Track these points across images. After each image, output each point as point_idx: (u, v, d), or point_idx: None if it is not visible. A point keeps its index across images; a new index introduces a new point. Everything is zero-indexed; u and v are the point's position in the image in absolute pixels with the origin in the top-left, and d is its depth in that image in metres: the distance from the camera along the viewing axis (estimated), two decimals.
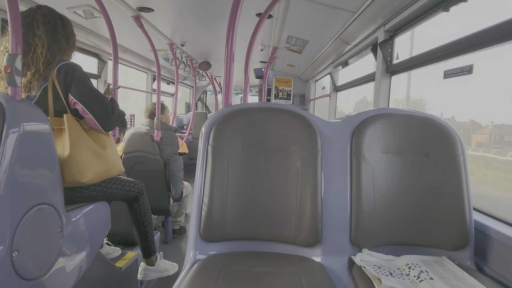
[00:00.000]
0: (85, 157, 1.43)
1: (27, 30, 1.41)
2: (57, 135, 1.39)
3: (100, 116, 1.48)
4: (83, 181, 1.42)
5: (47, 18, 1.46)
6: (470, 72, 1.40)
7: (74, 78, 1.42)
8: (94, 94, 1.47)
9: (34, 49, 1.41)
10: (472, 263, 1.24)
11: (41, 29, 1.43)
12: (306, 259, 1.24)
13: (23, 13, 1.43)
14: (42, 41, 1.42)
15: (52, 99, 1.42)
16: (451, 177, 1.28)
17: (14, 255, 1.07)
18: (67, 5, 2.29)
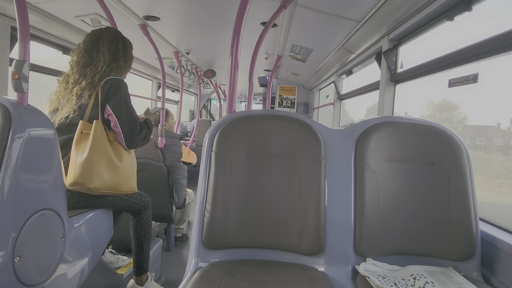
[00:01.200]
0: (99, 163, 1.47)
1: (93, 46, 1.61)
2: (83, 138, 1.48)
3: (127, 133, 1.57)
4: (89, 186, 1.43)
5: (111, 38, 1.65)
6: (475, 81, 1.39)
7: (116, 93, 1.55)
8: (129, 112, 1.58)
9: (95, 63, 1.59)
10: (479, 275, 1.22)
11: (105, 47, 1.62)
12: (309, 268, 1.22)
13: (93, 31, 1.66)
14: (104, 57, 1.61)
15: (91, 106, 1.54)
16: (456, 186, 1.26)
17: (16, 260, 1.06)
18: (75, 13, 2.33)
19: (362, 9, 2.01)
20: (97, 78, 1.55)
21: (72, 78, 1.57)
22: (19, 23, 1.16)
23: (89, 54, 1.60)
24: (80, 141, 1.47)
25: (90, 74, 1.55)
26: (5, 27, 2.00)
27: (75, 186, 1.43)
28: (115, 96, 1.54)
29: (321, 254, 1.25)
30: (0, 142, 1.05)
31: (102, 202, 1.58)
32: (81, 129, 1.48)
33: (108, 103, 1.54)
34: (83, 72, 1.56)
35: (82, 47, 1.62)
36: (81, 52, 1.61)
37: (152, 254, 2.25)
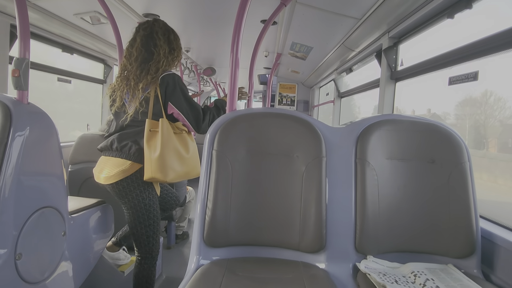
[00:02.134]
0: (171, 158, 1.59)
1: (149, 40, 1.64)
2: (152, 136, 1.58)
3: (193, 123, 1.68)
4: (166, 180, 1.56)
5: (163, 30, 1.68)
6: (475, 78, 1.39)
7: (175, 89, 1.62)
8: (189, 103, 1.66)
9: (155, 57, 1.62)
10: (479, 272, 1.22)
11: (161, 40, 1.65)
12: (310, 266, 1.22)
13: (142, 24, 1.68)
14: (164, 51, 1.64)
15: (152, 102, 1.60)
16: (457, 184, 1.26)
17: (17, 258, 1.07)
18: (75, 11, 2.32)
19: (362, 7, 2.01)
20: (160, 72, 1.61)
21: (132, 74, 1.61)
22: (19, 21, 1.15)
23: (146, 48, 1.62)
24: (150, 138, 1.57)
25: (153, 69, 1.60)
26: (4, 25, 1.99)
27: (153, 179, 1.56)
28: (174, 92, 1.61)
29: (322, 251, 1.25)
30: (1, 140, 1.05)
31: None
32: (149, 127, 1.57)
33: (170, 101, 1.61)
34: (145, 67, 1.61)
35: (138, 41, 1.63)
36: (138, 46, 1.63)
37: None
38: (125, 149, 1.58)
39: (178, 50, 1.76)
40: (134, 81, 1.60)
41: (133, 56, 1.63)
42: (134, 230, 1.65)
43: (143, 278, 1.70)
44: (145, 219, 1.63)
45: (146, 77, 1.58)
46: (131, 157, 1.57)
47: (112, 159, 1.59)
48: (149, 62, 1.61)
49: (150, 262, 1.71)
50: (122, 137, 1.60)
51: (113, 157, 1.60)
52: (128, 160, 1.57)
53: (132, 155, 1.57)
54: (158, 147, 1.55)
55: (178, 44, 1.76)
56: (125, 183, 1.57)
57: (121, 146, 1.58)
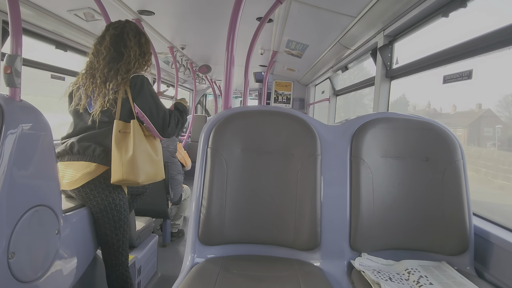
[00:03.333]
0: (143, 160, 1.55)
1: (119, 40, 1.59)
2: (122, 138, 1.53)
3: (159, 126, 1.61)
4: (138, 181, 1.52)
5: (134, 33, 1.64)
6: (469, 77, 1.40)
7: (142, 90, 1.57)
8: (156, 105, 1.60)
9: (126, 58, 1.58)
10: (472, 269, 1.24)
11: (132, 41, 1.61)
12: (305, 263, 1.23)
13: (112, 24, 1.64)
14: (134, 53, 1.61)
15: (120, 103, 1.54)
16: (450, 181, 1.27)
17: (10, 257, 1.06)
18: (68, 7, 2.29)
19: (357, 5, 2.01)
20: (131, 74, 1.56)
21: (99, 72, 1.55)
22: (11, 17, 1.14)
23: (116, 48, 1.58)
24: (119, 140, 1.51)
25: (123, 69, 1.55)
26: None
27: (123, 181, 1.50)
28: (140, 93, 1.56)
29: (317, 249, 1.26)
30: None
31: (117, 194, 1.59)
32: (118, 128, 1.52)
33: (135, 102, 1.56)
34: (113, 66, 1.55)
35: (108, 40, 1.58)
36: (107, 45, 1.57)
37: (148, 250, 2.25)
38: (89, 151, 1.50)
39: (149, 54, 1.73)
40: (101, 79, 1.54)
41: (101, 54, 1.57)
42: (103, 235, 1.57)
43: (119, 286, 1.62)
44: (116, 221, 1.57)
45: (116, 77, 1.53)
46: (96, 159, 1.50)
47: (74, 163, 1.50)
48: (118, 63, 1.56)
49: (122, 268, 1.63)
50: (84, 139, 1.52)
51: (75, 161, 1.50)
52: (93, 163, 1.49)
53: (97, 157, 1.50)
54: (130, 148, 1.51)
55: (149, 49, 1.73)
56: (92, 185, 1.50)
57: (84, 149, 1.50)
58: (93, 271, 1.65)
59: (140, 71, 1.65)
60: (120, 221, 1.58)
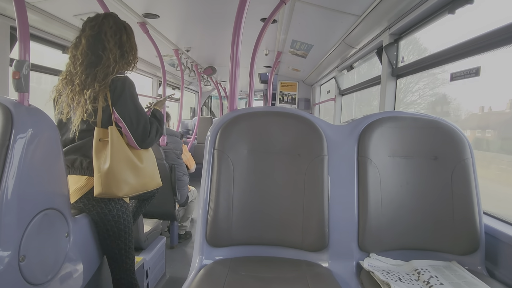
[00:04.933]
0: (123, 170, 1.43)
1: (96, 41, 1.44)
2: (102, 146, 1.41)
3: (138, 136, 1.48)
4: (119, 195, 1.41)
5: (114, 30, 1.47)
6: (477, 74, 1.38)
7: (122, 95, 1.43)
8: (137, 113, 1.47)
9: (104, 62, 1.43)
10: (483, 268, 1.22)
11: (111, 42, 1.45)
12: (313, 264, 1.22)
13: (89, 21, 1.47)
14: (113, 55, 1.45)
15: (101, 109, 1.42)
16: (460, 180, 1.26)
17: (21, 260, 1.07)
18: (74, 12, 2.32)
19: (362, 4, 2.00)
20: (110, 79, 1.42)
21: (78, 79, 1.42)
22: (19, 23, 1.15)
23: (93, 51, 1.43)
24: (100, 149, 1.41)
25: (100, 75, 1.41)
26: (4, 27, 1.99)
27: (104, 195, 1.40)
28: (121, 97, 1.43)
29: (325, 250, 1.25)
30: (3, 142, 1.05)
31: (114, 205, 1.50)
32: (98, 136, 1.41)
33: (114, 107, 1.42)
34: (91, 72, 1.42)
35: (84, 43, 1.44)
36: (84, 49, 1.43)
37: (156, 252, 2.26)
38: (76, 164, 1.42)
39: (133, 52, 1.56)
40: (79, 86, 1.41)
41: (77, 60, 1.43)
42: (105, 244, 1.50)
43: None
44: (115, 232, 1.49)
45: (93, 84, 1.40)
46: (85, 171, 1.42)
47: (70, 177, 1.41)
48: (96, 67, 1.42)
49: (127, 275, 1.57)
50: (70, 151, 1.43)
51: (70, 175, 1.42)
52: (84, 176, 1.41)
53: (86, 169, 1.42)
54: (107, 158, 1.39)
55: (132, 45, 1.56)
56: (85, 199, 1.42)
57: (71, 162, 1.42)
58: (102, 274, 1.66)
59: (123, 72, 1.53)
60: (120, 231, 1.50)
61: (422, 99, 3.13)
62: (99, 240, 1.52)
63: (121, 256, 1.54)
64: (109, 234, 1.49)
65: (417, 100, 3.17)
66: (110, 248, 1.52)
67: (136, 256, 2.20)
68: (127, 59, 1.53)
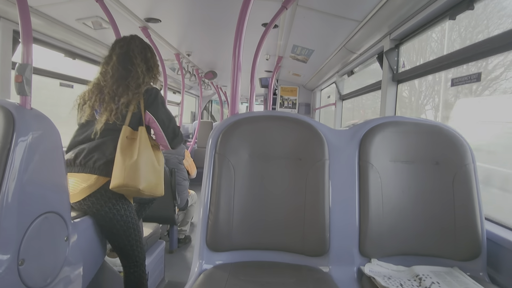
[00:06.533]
0: (146, 166, 1.55)
1: (125, 58, 1.64)
2: (128, 144, 1.55)
3: (170, 136, 1.70)
4: (139, 187, 1.50)
5: (140, 49, 1.69)
6: (478, 79, 1.39)
7: (155, 100, 1.64)
8: (168, 116, 1.69)
9: (133, 75, 1.62)
10: (485, 274, 1.21)
11: (138, 58, 1.66)
12: (314, 269, 1.21)
13: (118, 42, 1.69)
14: (141, 69, 1.65)
15: (131, 114, 1.59)
16: (461, 186, 1.25)
17: (20, 263, 1.06)
18: (77, 16, 2.33)
19: (363, 9, 2.01)
20: (143, 88, 1.62)
21: (108, 89, 1.59)
22: (22, 27, 1.16)
23: (123, 66, 1.63)
24: (125, 146, 1.53)
25: (133, 85, 1.60)
26: (7, 30, 2.00)
27: (124, 187, 1.47)
28: (154, 103, 1.63)
29: (326, 255, 1.24)
30: (4, 145, 1.06)
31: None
32: (125, 134, 1.55)
33: (149, 111, 1.62)
34: (122, 83, 1.60)
35: (115, 60, 1.63)
36: (114, 64, 1.63)
37: (155, 257, 2.25)
38: (90, 162, 1.50)
39: (156, 68, 1.76)
40: (109, 95, 1.58)
41: (108, 73, 1.62)
42: (115, 243, 1.59)
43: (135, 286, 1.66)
44: (125, 230, 1.57)
45: (127, 93, 1.57)
46: (95, 171, 1.49)
47: (75, 175, 1.50)
48: (127, 79, 1.60)
49: (139, 269, 1.66)
50: (86, 150, 1.53)
51: (76, 173, 1.50)
52: (93, 175, 1.49)
53: (97, 168, 1.49)
54: (135, 153, 1.52)
55: (155, 62, 1.77)
56: (93, 198, 1.49)
57: (85, 160, 1.50)
58: (102, 277, 1.65)
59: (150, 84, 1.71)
60: (129, 230, 1.58)
61: None
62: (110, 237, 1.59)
63: (132, 251, 1.63)
64: (119, 233, 1.57)
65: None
66: (122, 246, 1.60)
67: None
68: (152, 72, 1.73)
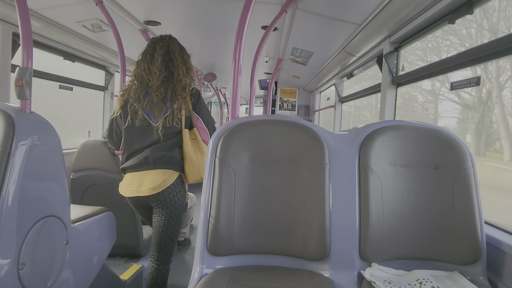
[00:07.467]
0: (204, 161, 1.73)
1: (167, 59, 1.75)
2: (192, 143, 1.79)
3: (211, 131, 1.84)
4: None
5: (178, 50, 1.81)
6: (477, 83, 1.39)
7: (199, 100, 1.82)
8: (209, 114, 1.90)
9: (177, 77, 1.75)
10: (485, 279, 1.21)
11: (179, 59, 1.78)
12: (314, 274, 1.21)
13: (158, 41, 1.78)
14: (182, 70, 1.77)
15: (184, 116, 1.76)
16: (461, 190, 1.26)
17: (20, 268, 1.06)
18: (77, 19, 2.33)
19: (362, 12, 2.02)
20: (187, 90, 1.76)
21: (156, 91, 1.71)
22: (22, 30, 1.16)
23: (166, 68, 1.74)
24: (192, 145, 1.77)
25: (178, 88, 1.73)
26: (7, 33, 2.00)
27: (199, 180, 1.72)
28: (198, 105, 1.81)
29: (326, 259, 1.24)
30: (4, 149, 1.05)
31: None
32: (189, 136, 1.78)
33: (196, 112, 1.80)
34: (168, 86, 1.72)
35: (159, 61, 1.72)
36: (158, 65, 1.72)
37: None
38: (164, 160, 1.71)
39: (192, 69, 1.87)
40: (158, 97, 1.70)
41: (154, 74, 1.72)
42: (164, 234, 1.75)
43: (162, 282, 1.78)
44: (177, 222, 1.76)
45: (176, 97, 1.72)
46: (170, 166, 1.71)
47: (152, 171, 1.70)
48: (171, 82, 1.73)
49: (167, 266, 1.80)
50: (156, 150, 1.71)
51: (153, 170, 1.70)
52: (169, 170, 1.71)
53: (171, 164, 1.72)
54: (199, 151, 1.78)
55: (191, 63, 1.88)
56: (169, 189, 1.71)
57: (159, 159, 1.70)
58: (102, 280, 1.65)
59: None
60: (179, 222, 1.79)
61: None
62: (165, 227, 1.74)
63: (171, 246, 1.79)
64: (174, 223, 1.75)
65: None
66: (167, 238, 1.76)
67: (134, 264, 2.19)
68: (190, 73, 1.83)
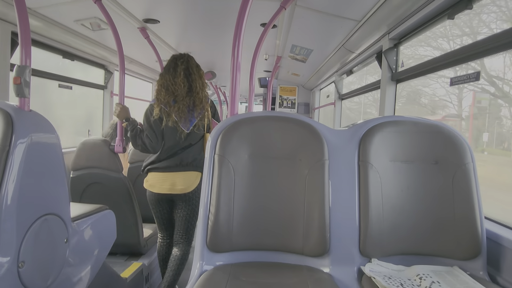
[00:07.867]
0: None
1: (187, 74, 2.01)
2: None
3: None
4: None
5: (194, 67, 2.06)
6: (477, 79, 1.39)
7: (216, 110, 2.23)
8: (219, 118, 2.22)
9: (197, 90, 2.03)
10: (485, 273, 1.21)
11: (196, 74, 2.05)
12: (314, 270, 1.21)
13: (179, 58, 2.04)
14: (199, 84, 2.05)
15: (206, 124, 2.08)
16: (461, 185, 1.26)
17: (20, 266, 1.06)
18: (75, 17, 2.32)
19: (362, 9, 2.01)
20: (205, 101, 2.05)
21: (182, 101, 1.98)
22: (20, 29, 1.16)
23: (187, 80, 2.00)
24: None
25: (198, 101, 2.02)
26: (5, 32, 2.00)
27: None
28: (214, 112, 2.20)
29: (326, 255, 1.24)
30: (3, 148, 1.05)
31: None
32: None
33: (215, 119, 2.16)
34: (191, 97, 2.01)
35: (182, 75, 1.98)
36: (181, 78, 1.98)
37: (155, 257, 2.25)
38: (195, 162, 2.03)
39: (205, 82, 2.11)
40: (185, 106, 1.98)
41: (179, 86, 1.97)
42: (188, 224, 2.09)
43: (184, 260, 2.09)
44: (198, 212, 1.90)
45: (200, 106, 2.02)
46: (200, 168, 2.02)
47: (186, 173, 2.01)
48: (193, 94, 2.00)
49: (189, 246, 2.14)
50: (189, 154, 2.04)
51: (187, 171, 2.01)
52: (199, 172, 2.03)
53: (200, 167, 2.01)
54: None
55: (204, 77, 2.11)
56: (196, 188, 2.02)
57: (192, 161, 2.03)
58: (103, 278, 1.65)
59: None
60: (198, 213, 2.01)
61: None
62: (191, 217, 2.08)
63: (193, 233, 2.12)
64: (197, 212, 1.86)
65: None
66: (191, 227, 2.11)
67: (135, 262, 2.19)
68: (204, 86, 2.09)
